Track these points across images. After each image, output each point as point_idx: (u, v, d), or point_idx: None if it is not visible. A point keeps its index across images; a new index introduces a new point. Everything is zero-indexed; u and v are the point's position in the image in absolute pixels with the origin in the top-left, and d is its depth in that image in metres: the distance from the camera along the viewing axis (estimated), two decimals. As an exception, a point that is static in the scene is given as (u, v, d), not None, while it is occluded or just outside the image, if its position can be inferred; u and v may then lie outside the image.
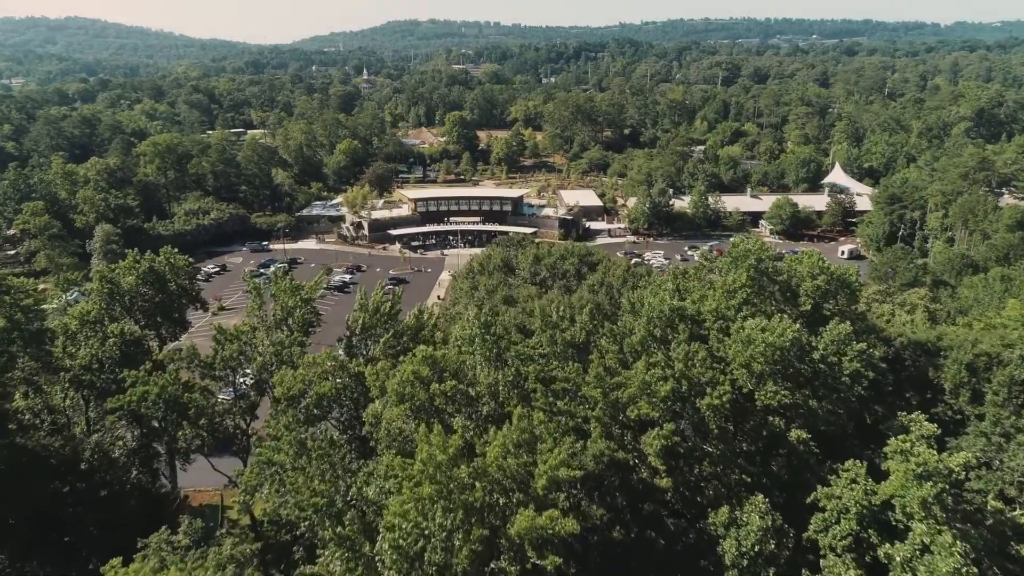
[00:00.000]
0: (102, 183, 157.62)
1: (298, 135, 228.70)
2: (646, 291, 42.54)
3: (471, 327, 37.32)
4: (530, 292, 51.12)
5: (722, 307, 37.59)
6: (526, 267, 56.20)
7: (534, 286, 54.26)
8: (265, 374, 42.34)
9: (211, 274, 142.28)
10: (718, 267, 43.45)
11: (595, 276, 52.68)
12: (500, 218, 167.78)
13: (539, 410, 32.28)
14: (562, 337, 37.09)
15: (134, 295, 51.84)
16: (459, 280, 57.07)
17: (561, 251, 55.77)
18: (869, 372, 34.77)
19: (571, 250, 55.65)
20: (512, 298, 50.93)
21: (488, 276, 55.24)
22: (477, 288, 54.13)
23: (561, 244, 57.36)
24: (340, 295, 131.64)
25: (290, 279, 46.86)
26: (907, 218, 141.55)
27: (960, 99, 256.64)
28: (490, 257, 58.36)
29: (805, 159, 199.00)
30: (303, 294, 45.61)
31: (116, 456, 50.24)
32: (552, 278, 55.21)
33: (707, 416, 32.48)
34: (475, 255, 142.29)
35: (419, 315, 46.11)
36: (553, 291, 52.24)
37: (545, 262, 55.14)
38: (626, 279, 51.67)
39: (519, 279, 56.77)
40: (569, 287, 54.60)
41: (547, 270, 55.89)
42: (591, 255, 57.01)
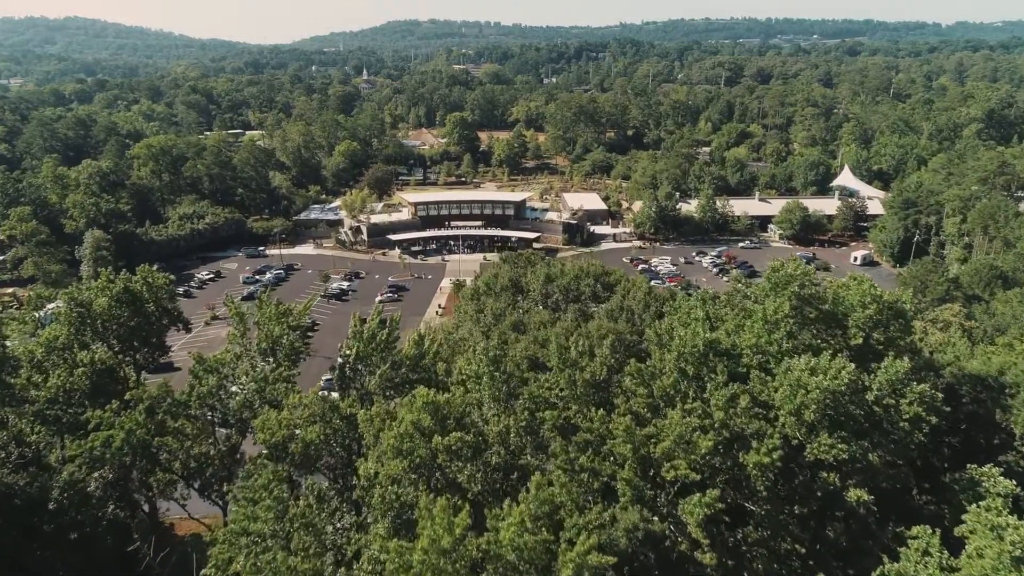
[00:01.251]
0: (94, 187, 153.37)
1: (296, 136, 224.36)
2: (674, 318, 38.30)
3: (478, 362, 33.21)
4: (542, 317, 46.69)
5: (762, 341, 33.40)
6: (537, 288, 51.62)
7: (546, 309, 49.80)
8: (247, 413, 38.04)
9: (205, 281, 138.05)
10: (754, 293, 39.06)
11: (614, 299, 48.22)
12: (502, 222, 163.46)
13: (559, 469, 28.10)
14: (582, 378, 32.86)
15: (107, 318, 47.54)
16: (464, 302, 52.62)
17: (576, 271, 51.28)
18: (931, 416, 30.61)
19: (586, 270, 51.17)
20: (522, 324, 46.53)
21: (495, 298, 50.78)
22: (483, 311, 49.73)
23: (575, 263, 52.49)
24: (338, 303, 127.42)
25: (276, 304, 42.33)
26: (922, 223, 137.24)
27: (969, 100, 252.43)
28: (497, 276, 53.93)
29: (814, 161, 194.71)
30: (291, 320, 41.22)
31: (92, 489, 45.98)
32: (565, 300, 50.72)
33: (753, 475, 28.36)
34: (479, 272, 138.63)
35: (419, 341, 41.90)
36: (567, 315, 47.80)
37: (558, 283, 50.77)
38: (648, 303, 47.27)
39: (529, 300, 52.27)
40: (585, 311, 50.10)
41: (560, 292, 51.30)
42: (608, 274, 52.48)
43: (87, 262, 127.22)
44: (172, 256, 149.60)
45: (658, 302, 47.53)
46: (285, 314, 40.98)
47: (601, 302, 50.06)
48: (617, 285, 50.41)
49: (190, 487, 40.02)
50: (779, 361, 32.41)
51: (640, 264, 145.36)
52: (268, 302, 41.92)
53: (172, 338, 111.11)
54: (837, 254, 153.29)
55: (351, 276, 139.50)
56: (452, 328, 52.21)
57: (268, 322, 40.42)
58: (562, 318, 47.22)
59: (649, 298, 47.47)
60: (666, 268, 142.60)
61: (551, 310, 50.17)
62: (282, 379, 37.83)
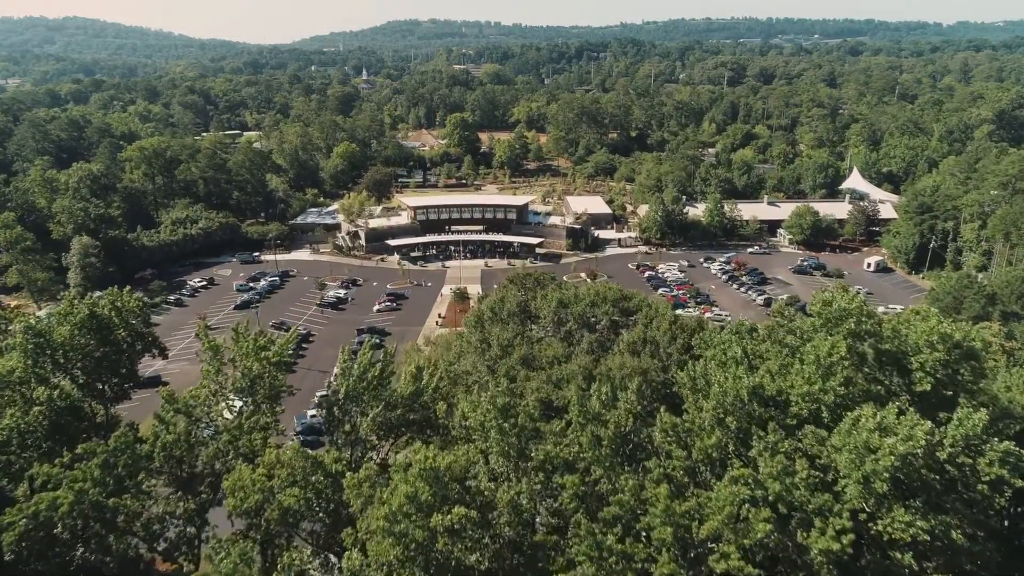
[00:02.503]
0: (84, 190, 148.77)
1: (293, 138, 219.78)
2: (708, 354, 33.75)
3: (484, 411, 28.78)
4: (555, 351, 42.06)
5: (815, 388, 28.92)
6: (548, 315, 46.92)
7: (559, 339, 45.09)
8: (219, 464, 33.36)
9: (197, 288, 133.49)
10: (799, 328, 34.44)
11: (635, 330, 43.41)
12: (504, 227, 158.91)
13: (583, 555, 23.62)
14: (607, 435, 28.27)
15: (70, 348, 42.94)
16: (467, 329, 47.88)
17: (592, 295, 46.47)
18: (1016, 479, 26.15)
19: (604, 294, 46.31)
20: (534, 359, 41.93)
21: (502, 325, 46.03)
22: (488, 342, 44.93)
23: (591, 285, 47.54)
24: (334, 313, 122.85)
25: (254, 337, 37.72)
26: (938, 229, 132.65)
27: (979, 101, 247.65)
28: (503, 301, 49.07)
29: (823, 164, 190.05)
30: (271, 355, 36.55)
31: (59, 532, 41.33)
32: (581, 328, 46.03)
33: (818, 562, 23.92)
34: (480, 278, 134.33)
35: (417, 374, 37.43)
36: (582, 345, 43.08)
37: (573, 310, 45.91)
38: (674, 334, 42.59)
39: (540, 327, 47.51)
40: (603, 342, 45.31)
41: (575, 319, 46.59)
42: (627, 298, 47.56)
43: (74, 270, 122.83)
44: (164, 262, 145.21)
45: (685, 333, 42.84)
46: (264, 348, 36.36)
47: (620, 330, 45.26)
48: (638, 312, 45.67)
49: (153, 551, 35.54)
50: (834, 411, 27.98)
51: (647, 271, 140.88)
52: (245, 335, 37.25)
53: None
54: (849, 260, 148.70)
55: (348, 284, 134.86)
56: (454, 358, 47.54)
57: (246, 358, 35.98)
58: (577, 352, 42.53)
59: (675, 329, 42.70)
60: (674, 275, 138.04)
61: (564, 340, 45.43)
62: (258, 427, 33.29)
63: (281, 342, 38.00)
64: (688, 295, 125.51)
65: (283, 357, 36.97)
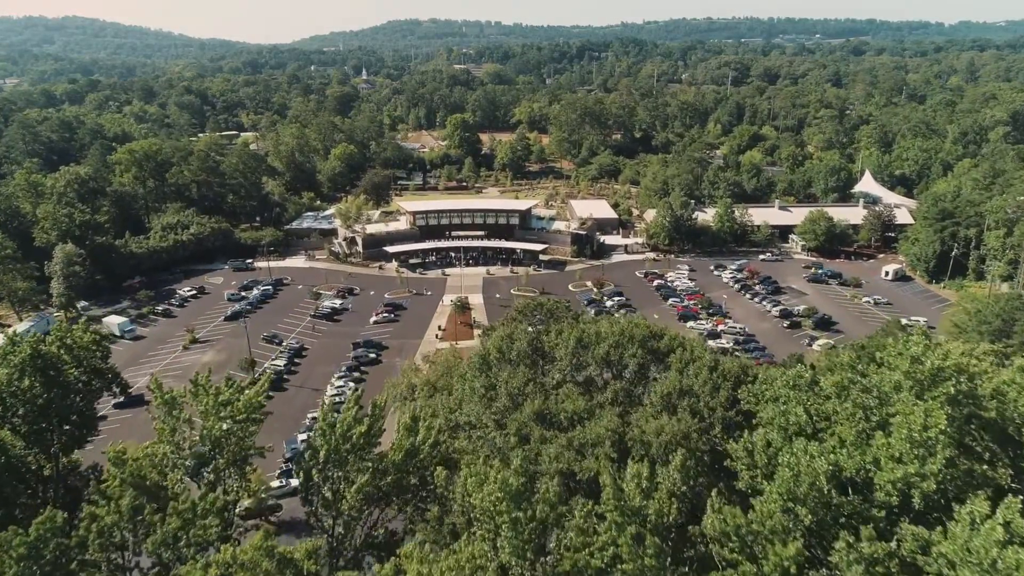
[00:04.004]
0: (71, 195, 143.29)
1: (290, 139, 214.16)
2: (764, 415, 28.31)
3: (494, 500, 23.32)
4: (576, 405, 36.25)
5: (910, 472, 23.53)
6: (566, 357, 41.06)
7: (577, 387, 39.13)
8: (168, 553, 27.66)
9: (186, 298, 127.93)
10: (877, 385, 28.68)
11: (669, 378, 37.52)
12: (507, 233, 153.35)
13: None
14: (653, 542, 22.50)
15: (10, 395, 37.37)
16: (470, 372, 41.96)
17: (616, 334, 40.16)
18: None
19: (630, 332, 40.04)
20: (550, 415, 36.12)
21: (511, 369, 40.10)
22: (496, 388, 39.01)
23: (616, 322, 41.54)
24: (329, 324, 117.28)
25: (215, 391, 31.98)
26: (960, 236, 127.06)
27: (992, 101, 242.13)
28: (512, 338, 43.01)
29: (834, 167, 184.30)
30: (236, 412, 30.87)
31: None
32: (604, 373, 40.20)
33: None
34: (482, 286, 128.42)
35: (412, 426, 31.95)
36: (605, 394, 37.09)
37: (595, 352, 40.05)
38: (716, 384, 36.74)
39: (556, 371, 41.47)
40: (631, 391, 39.62)
41: (597, 363, 40.92)
42: (657, 337, 41.46)
43: (57, 279, 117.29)
44: (153, 270, 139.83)
45: (729, 381, 37.16)
46: (228, 403, 30.79)
47: (650, 374, 39.43)
48: (671, 354, 39.86)
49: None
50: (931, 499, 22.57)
51: (655, 279, 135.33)
52: (206, 387, 31.56)
53: (142, 364, 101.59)
54: (865, 268, 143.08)
55: (344, 293, 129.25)
56: (455, 404, 41.81)
57: (206, 416, 30.49)
58: (600, 402, 36.69)
59: (717, 377, 36.96)
60: (683, 284, 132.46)
61: (584, 387, 39.55)
62: (214, 510, 27.62)
63: (249, 394, 32.34)
64: (699, 306, 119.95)
65: (251, 412, 31.43)
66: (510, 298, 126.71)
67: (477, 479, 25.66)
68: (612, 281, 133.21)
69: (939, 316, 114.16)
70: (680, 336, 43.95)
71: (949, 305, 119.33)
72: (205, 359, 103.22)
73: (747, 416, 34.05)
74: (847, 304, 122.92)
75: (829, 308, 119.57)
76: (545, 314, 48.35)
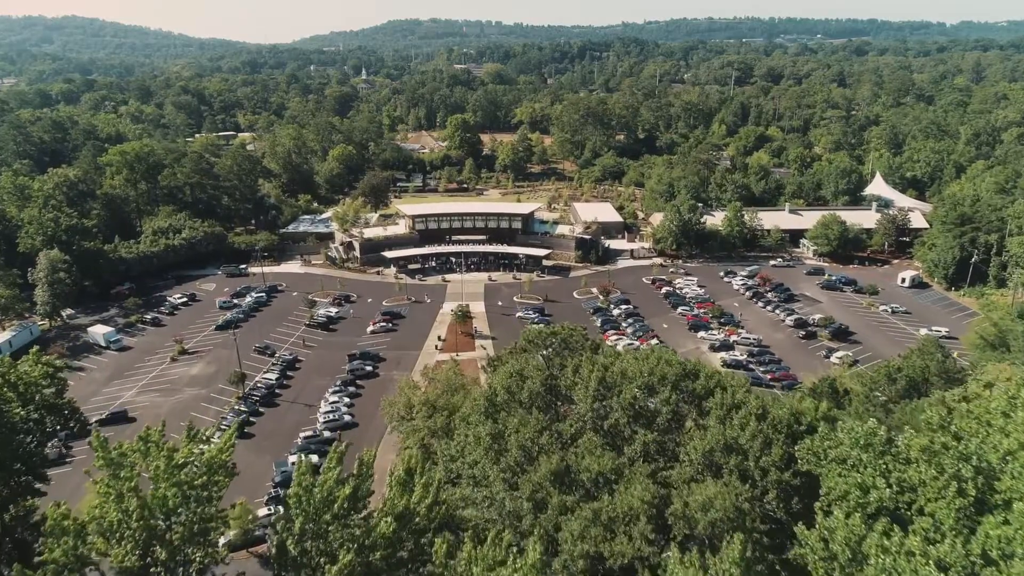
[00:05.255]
0: (59, 197, 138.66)
1: (287, 140, 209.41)
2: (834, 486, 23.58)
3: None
4: (601, 463, 31.05)
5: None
6: (586, 400, 35.92)
7: (600, 436, 33.98)
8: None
9: (177, 306, 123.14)
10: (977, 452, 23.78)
11: (711, 430, 32.29)
12: (509, 237, 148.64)
13: None
14: None
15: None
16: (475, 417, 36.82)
17: (646, 372, 34.98)
18: None
19: (659, 371, 34.91)
20: (571, 473, 30.95)
21: (522, 414, 34.88)
22: (504, 437, 33.83)
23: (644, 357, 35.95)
24: (324, 334, 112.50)
25: (170, 451, 26.62)
26: (980, 242, 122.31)
27: (1003, 101, 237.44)
28: (523, 376, 37.88)
29: (845, 169, 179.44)
30: (195, 476, 25.56)
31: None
32: (631, 422, 35.79)
33: None
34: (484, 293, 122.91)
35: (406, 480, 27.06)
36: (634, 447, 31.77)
37: (622, 396, 34.86)
38: (767, 436, 31.52)
39: (575, 417, 36.25)
40: (665, 448, 34.18)
41: (622, 409, 36.70)
42: (692, 376, 35.94)
43: (41, 286, 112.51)
44: (144, 275, 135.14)
45: (782, 434, 32.15)
46: (182, 465, 25.77)
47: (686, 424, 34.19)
48: (709, 396, 34.75)
49: None
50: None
51: (663, 286, 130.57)
52: (159, 444, 26.32)
53: (127, 376, 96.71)
54: (880, 274, 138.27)
55: (340, 300, 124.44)
56: (456, 451, 36.76)
57: (158, 479, 25.52)
58: (630, 454, 31.69)
59: (767, 428, 31.93)
60: (693, 291, 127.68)
61: (608, 437, 34.38)
62: None
63: (211, 451, 27.31)
64: (710, 314, 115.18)
65: (214, 475, 26.47)
66: (513, 306, 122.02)
67: (485, 566, 21.07)
68: (618, 288, 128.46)
69: (961, 326, 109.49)
70: (718, 374, 38.79)
71: (971, 315, 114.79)
72: (193, 372, 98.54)
73: (807, 479, 29.35)
74: (863, 313, 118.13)
75: (845, 317, 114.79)
76: (560, 344, 43.06)
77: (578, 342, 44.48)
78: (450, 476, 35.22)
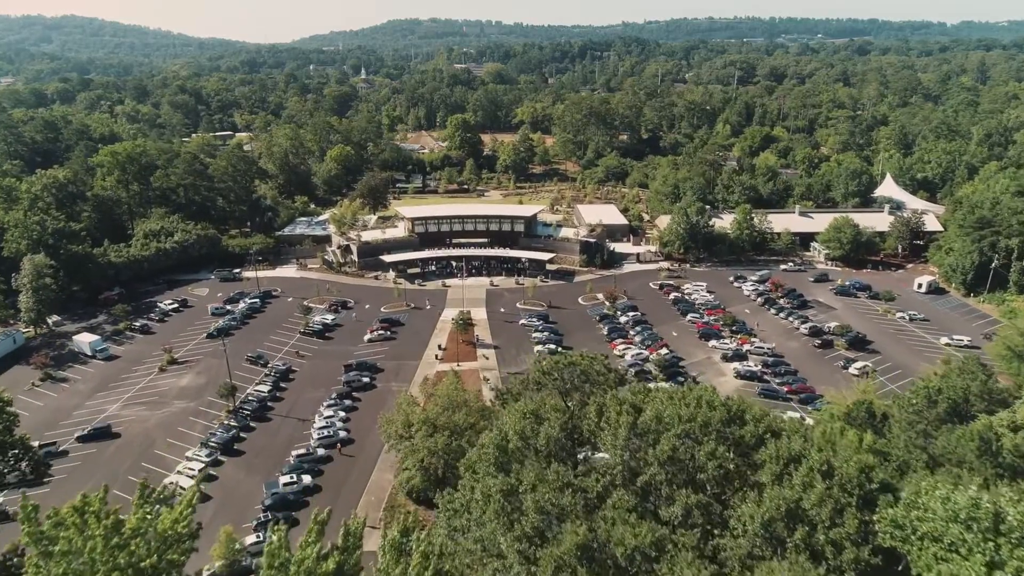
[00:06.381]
0: (48, 199, 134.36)
1: (283, 140, 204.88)
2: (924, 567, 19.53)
3: None
4: (637, 535, 25.89)
5: None
6: (616, 452, 30.66)
7: (632, 495, 28.75)
8: None
9: (167, 312, 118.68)
10: None
11: (770, 492, 27.04)
12: (511, 240, 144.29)
13: None
14: None
15: None
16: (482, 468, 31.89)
17: (686, 418, 29.70)
18: None
19: (702, 416, 29.59)
20: (597, 548, 26.26)
21: (539, 467, 29.77)
22: (518, 495, 28.84)
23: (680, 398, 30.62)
24: (320, 342, 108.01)
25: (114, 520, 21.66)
26: (1001, 246, 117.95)
27: (1014, 100, 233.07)
28: (539, 418, 32.85)
29: (855, 170, 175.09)
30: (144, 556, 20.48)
31: None
32: (671, 480, 29.19)
33: None
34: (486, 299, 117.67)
35: (398, 545, 22.87)
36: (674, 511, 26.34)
37: (657, 450, 29.57)
38: (838, 501, 26.13)
39: (602, 469, 31.15)
40: (711, 511, 29.29)
41: (659, 463, 31.76)
42: (739, 420, 30.42)
43: (26, 293, 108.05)
44: (134, 280, 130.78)
45: (853, 496, 27.54)
46: (122, 546, 21.00)
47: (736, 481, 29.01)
48: (761, 447, 29.76)
49: None
50: None
51: (671, 291, 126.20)
52: (99, 515, 21.49)
53: (113, 388, 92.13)
54: (895, 279, 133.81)
55: (337, 307, 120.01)
56: (460, 505, 32.17)
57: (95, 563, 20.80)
58: (671, 519, 26.98)
59: (835, 489, 27.08)
60: (702, 297, 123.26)
61: (642, 497, 29.34)
62: None
63: (166, 521, 22.68)
64: (721, 322, 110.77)
65: (165, 554, 21.86)
66: (516, 313, 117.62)
67: None
68: (625, 294, 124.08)
69: (983, 334, 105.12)
70: (766, 415, 33.93)
71: (992, 323, 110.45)
72: (182, 383, 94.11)
73: (889, 557, 25.00)
74: (880, 320, 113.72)
75: (861, 324, 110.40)
76: (579, 377, 38.08)
77: (600, 373, 39.61)
78: (452, 534, 30.62)
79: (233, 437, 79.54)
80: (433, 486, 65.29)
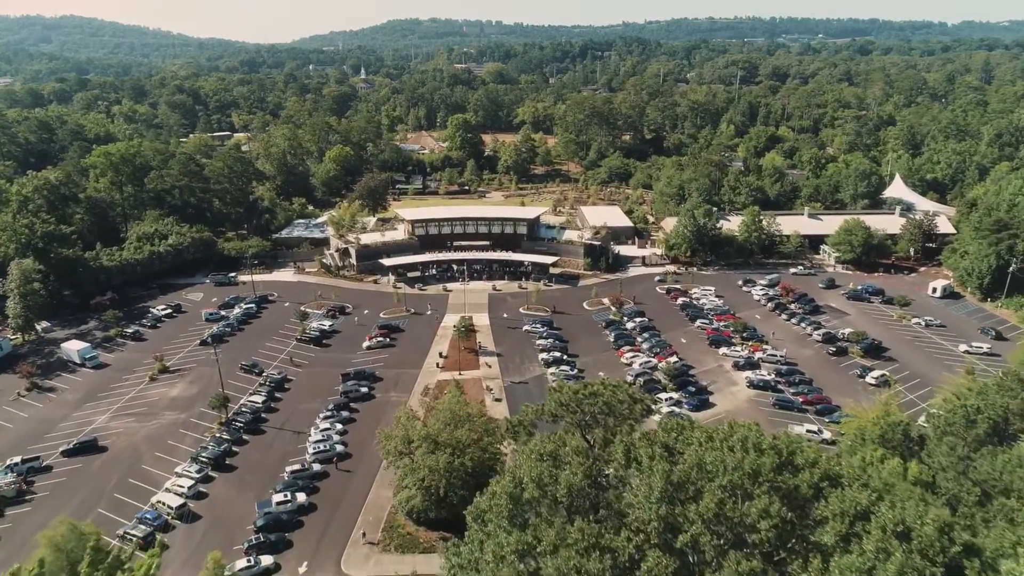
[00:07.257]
0: (39, 201, 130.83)
1: (281, 141, 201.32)
2: None
3: None
4: None
5: None
6: (650, 507, 25.97)
7: (669, 557, 24.60)
8: None
9: (160, 318, 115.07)
10: None
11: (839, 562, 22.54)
12: (514, 243, 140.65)
13: None
14: None
15: None
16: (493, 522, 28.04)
17: (732, 466, 24.83)
18: None
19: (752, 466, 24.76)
20: None
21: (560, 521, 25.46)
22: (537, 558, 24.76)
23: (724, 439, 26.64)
24: (317, 350, 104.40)
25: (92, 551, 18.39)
26: (1019, 250, 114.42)
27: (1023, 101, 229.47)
28: (558, 462, 28.49)
29: (864, 171, 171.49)
30: None
31: None
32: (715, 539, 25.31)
33: None
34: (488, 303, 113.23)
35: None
36: None
37: (701, 507, 24.89)
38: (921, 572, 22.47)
39: (633, 527, 26.66)
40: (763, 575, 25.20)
41: (703, 521, 27.11)
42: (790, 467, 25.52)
43: (13, 298, 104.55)
44: (126, 285, 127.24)
45: (938, 567, 24.05)
46: None
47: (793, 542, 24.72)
48: (816, 502, 25.45)
49: None
50: None
51: (679, 296, 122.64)
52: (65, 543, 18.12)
53: (101, 398, 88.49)
54: (909, 283, 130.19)
55: (335, 312, 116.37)
56: (467, 561, 28.84)
57: None
58: None
59: (915, 557, 23.24)
60: (711, 302, 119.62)
61: (680, 558, 25.33)
62: None
63: None
64: (731, 328, 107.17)
65: None
66: (519, 318, 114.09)
67: None
68: (632, 299, 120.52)
69: (1003, 342, 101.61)
70: (819, 457, 29.55)
71: (1011, 329, 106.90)
72: (173, 393, 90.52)
73: None
74: (895, 326, 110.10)
75: (875, 331, 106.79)
76: (602, 410, 33.97)
77: (624, 404, 35.64)
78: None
79: (225, 451, 76.02)
80: (435, 506, 61.97)
